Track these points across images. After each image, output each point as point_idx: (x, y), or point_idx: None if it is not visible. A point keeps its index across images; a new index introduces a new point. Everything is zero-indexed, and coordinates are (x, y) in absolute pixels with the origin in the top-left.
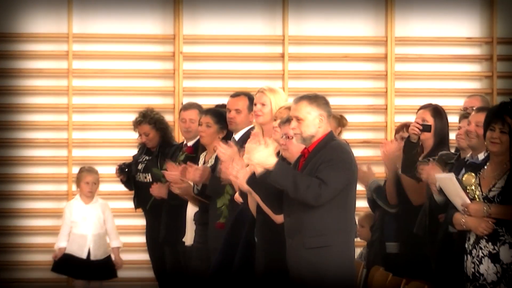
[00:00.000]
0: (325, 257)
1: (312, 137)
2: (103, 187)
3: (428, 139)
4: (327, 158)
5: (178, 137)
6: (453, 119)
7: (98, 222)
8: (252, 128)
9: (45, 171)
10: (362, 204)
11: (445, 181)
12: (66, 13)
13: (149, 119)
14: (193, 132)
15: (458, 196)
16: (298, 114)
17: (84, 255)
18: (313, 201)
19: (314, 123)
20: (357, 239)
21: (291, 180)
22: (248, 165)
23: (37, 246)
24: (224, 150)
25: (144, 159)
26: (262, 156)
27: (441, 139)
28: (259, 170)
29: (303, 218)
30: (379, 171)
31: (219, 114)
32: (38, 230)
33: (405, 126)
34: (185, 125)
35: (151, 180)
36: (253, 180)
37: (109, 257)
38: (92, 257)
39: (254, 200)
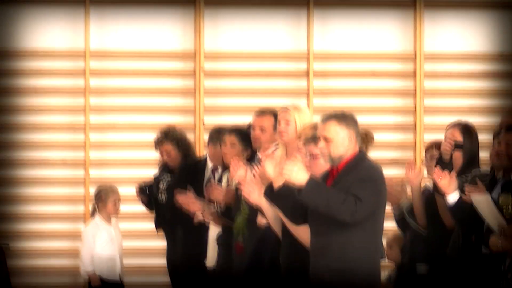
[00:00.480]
0: (350, 279)
1: (340, 158)
2: (122, 207)
3: (458, 158)
4: (360, 178)
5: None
6: (485, 136)
7: (119, 242)
8: (277, 146)
9: (61, 191)
10: (389, 224)
11: (481, 201)
12: (83, 29)
13: (171, 137)
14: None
15: (494, 217)
16: (326, 134)
17: (117, 278)
18: (349, 217)
19: (343, 143)
20: (386, 261)
21: (325, 197)
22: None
23: (53, 268)
24: (237, 170)
25: (166, 178)
26: (296, 172)
27: (472, 158)
28: (279, 183)
29: (331, 239)
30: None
31: (243, 133)
32: (54, 252)
33: (435, 145)
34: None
35: (168, 199)
36: (270, 191)
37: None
38: (122, 279)
39: (278, 220)
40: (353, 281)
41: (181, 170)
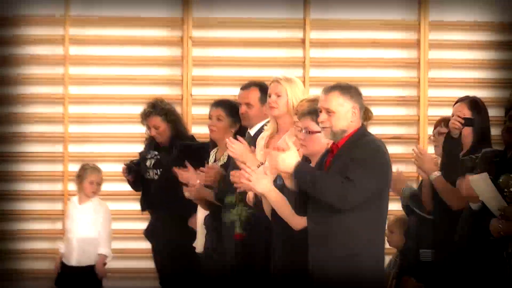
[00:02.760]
0: (353, 266)
1: (343, 132)
2: (104, 187)
3: (467, 135)
4: (359, 156)
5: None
6: (495, 112)
7: (86, 225)
8: (268, 122)
9: (38, 169)
10: (391, 207)
11: (478, 182)
12: None
13: (159, 110)
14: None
15: (494, 199)
16: (328, 106)
17: (71, 262)
18: (339, 204)
19: (346, 116)
20: (386, 246)
21: (310, 181)
22: (261, 164)
23: (30, 252)
24: (235, 147)
25: (153, 155)
26: (283, 160)
27: (482, 135)
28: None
29: (332, 225)
30: (411, 171)
31: (231, 106)
32: (31, 234)
33: (444, 121)
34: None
35: (160, 176)
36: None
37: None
38: (74, 263)
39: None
40: (356, 268)
41: (182, 151)
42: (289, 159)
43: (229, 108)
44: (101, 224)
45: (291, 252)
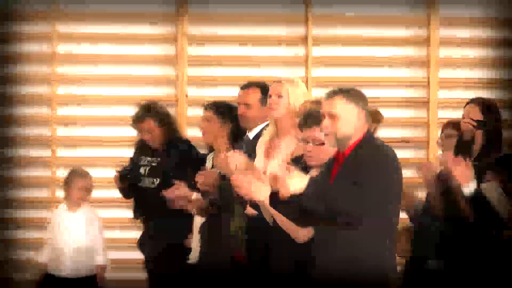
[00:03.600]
0: (355, 271)
1: (347, 139)
2: (94, 193)
3: (478, 138)
4: (369, 164)
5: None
6: (508, 114)
7: (80, 234)
8: (267, 126)
9: (25, 174)
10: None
11: (488, 188)
12: None
13: (153, 113)
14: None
15: (503, 206)
16: (332, 110)
17: (63, 273)
18: (353, 214)
19: (351, 121)
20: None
21: (323, 202)
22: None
23: (15, 261)
24: (234, 160)
25: (147, 161)
26: (293, 184)
27: (493, 139)
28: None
29: (336, 231)
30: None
31: (219, 105)
32: (17, 243)
33: (452, 124)
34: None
35: (159, 185)
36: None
37: (93, 276)
38: (70, 275)
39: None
40: (359, 273)
41: (184, 160)
42: (299, 181)
43: (216, 107)
44: (97, 233)
45: (292, 256)
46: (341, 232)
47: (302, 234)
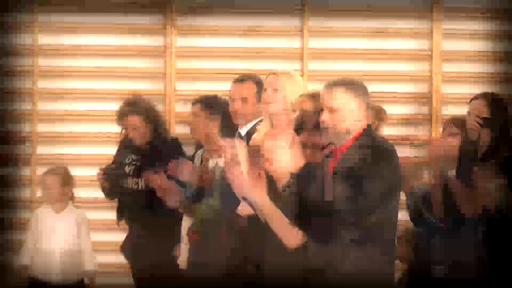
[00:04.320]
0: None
1: (347, 134)
2: (77, 193)
3: (484, 136)
4: (367, 161)
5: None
6: None
7: (69, 236)
8: (260, 122)
9: (2, 173)
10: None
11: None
12: None
13: (138, 108)
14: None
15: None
16: (332, 104)
17: (51, 277)
18: (351, 214)
19: (351, 115)
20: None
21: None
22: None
23: None
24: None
25: (131, 160)
26: (287, 159)
27: (501, 137)
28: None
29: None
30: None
31: (208, 100)
32: None
33: (453, 121)
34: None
35: (143, 186)
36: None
37: (82, 281)
38: (60, 280)
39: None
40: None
41: (169, 159)
42: (284, 156)
43: (203, 101)
44: (85, 235)
45: (286, 258)
46: (339, 233)
47: (294, 238)
